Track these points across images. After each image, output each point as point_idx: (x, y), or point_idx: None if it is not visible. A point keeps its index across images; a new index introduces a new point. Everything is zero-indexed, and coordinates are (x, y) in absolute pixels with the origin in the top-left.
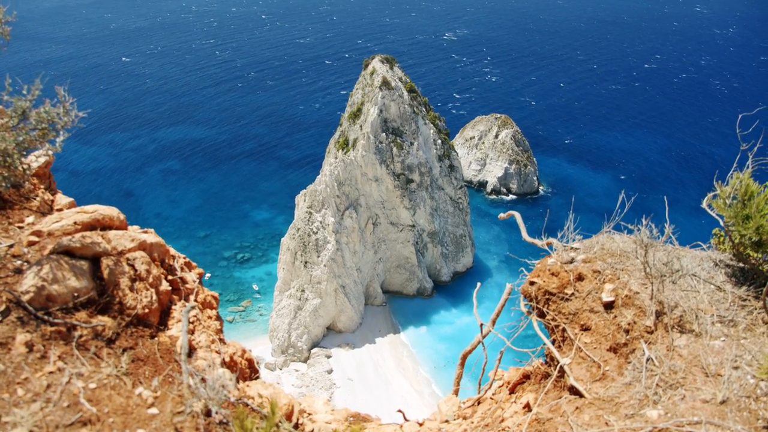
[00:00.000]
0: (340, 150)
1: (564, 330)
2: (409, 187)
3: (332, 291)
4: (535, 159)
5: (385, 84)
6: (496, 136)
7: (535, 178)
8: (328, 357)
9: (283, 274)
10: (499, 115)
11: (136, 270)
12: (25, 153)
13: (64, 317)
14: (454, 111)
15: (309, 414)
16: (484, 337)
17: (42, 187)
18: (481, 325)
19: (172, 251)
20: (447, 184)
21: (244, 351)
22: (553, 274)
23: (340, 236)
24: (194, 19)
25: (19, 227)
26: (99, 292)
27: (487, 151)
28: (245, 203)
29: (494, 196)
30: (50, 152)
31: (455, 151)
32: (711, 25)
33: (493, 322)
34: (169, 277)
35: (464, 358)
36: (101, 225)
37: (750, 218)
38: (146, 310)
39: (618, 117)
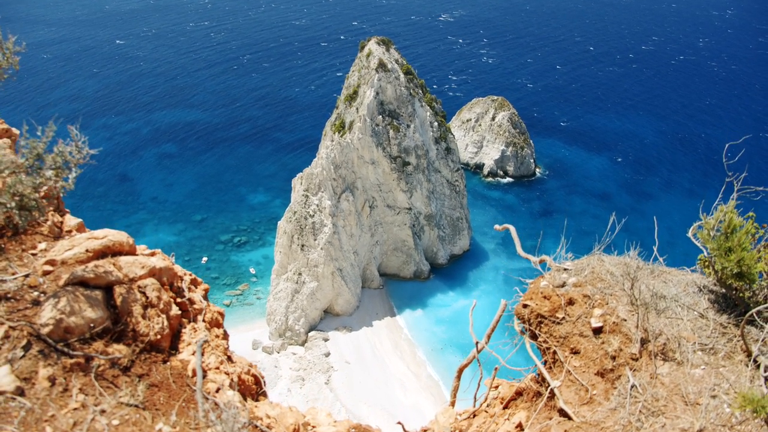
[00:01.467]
0: (337, 133)
1: (555, 352)
2: (406, 170)
3: (329, 274)
4: (531, 141)
5: (382, 66)
6: (493, 119)
7: (531, 160)
8: (326, 340)
9: (280, 257)
10: (495, 97)
11: (147, 297)
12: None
13: (82, 348)
14: (450, 93)
15: (313, 426)
16: (479, 352)
17: (51, 208)
18: (477, 343)
19: (179, 271)
20: (444, 166)
21: (250, 367)
22: (545, 297)
23: (337, 219)
24: (188, 0)
25: (33, 254)
26: (113, 320)
27: (483, 133)
28: (241, 186)
29: (491, 179)
30: (63, 188)
31: (452, 134)
32: (709, 7)
33: (488, 337)
34: (178, 300)
35: (460, 371)
36: (112, 251)
37: (732, 251)
38: (158, 336)
39: (614, 99)
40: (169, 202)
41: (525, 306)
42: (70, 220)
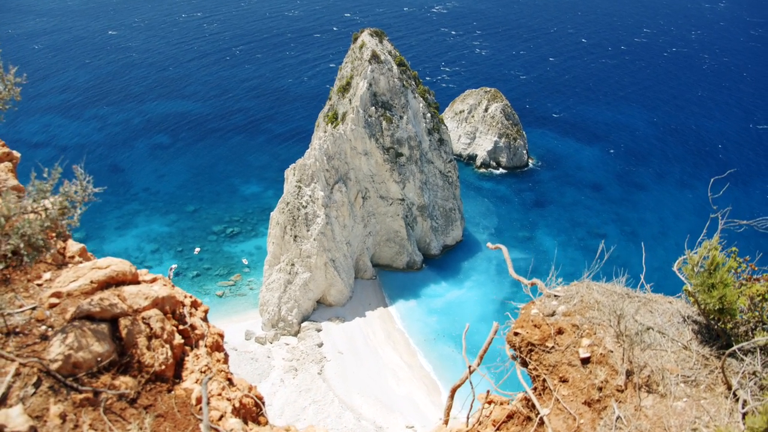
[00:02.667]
0: (330, 124)
1: (544, 380)
2: (399, 161)
3: (322, 265)
4: (524, 132)
5: (375, 57)
6: (486, 110)
7: (524, 151)
8: (319, 330)
9: (273, 248)
10: (488, 89)
11: (151, 328)
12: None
13: (90, 382)
14: (443, 84)
15: None
16: (471, 373)
17: (53, 234)
18: (470, 366)
19: (180, 295)
20: (436, 157)
21: (250, 388)
22: (535, 325)
23: (330, 210)
24: None
25: (38, 284)
26: (119, 352)
27: (476, 124)
28: (234, 177)
29: (484, 170)
30: (69, 226)
31: (445, 125)
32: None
33: (481, 358)
34: (180, 327)
35: (453, 391)
36: (115, 281)
37: (714, 287)
38: (163, 367)
39: (607, 90)
40: (162, 192)
41: (516, 334)
42: (73, 246)
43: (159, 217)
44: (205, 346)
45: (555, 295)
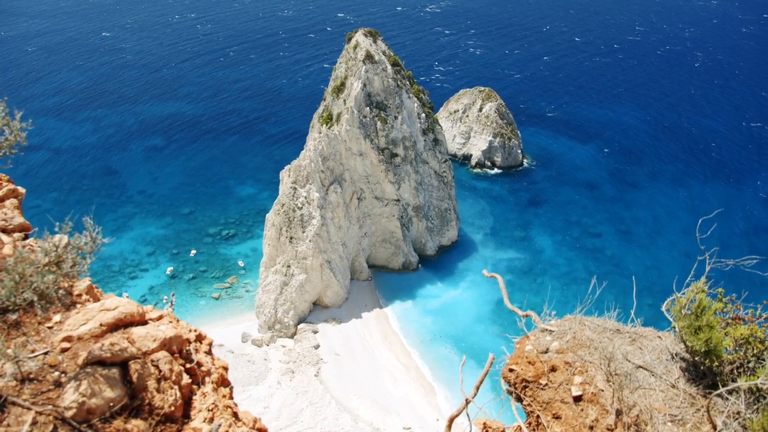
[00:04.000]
0: (324, 124)
1: (538, 416)
2: (394, 162)
3: (318, 266)
4: (519, 132)
5: (369, 58)
6: (480, 110)
7: (519, 151)
8: (315, 332)
9: (269, 250)
10: (483, 88)
11: (160, 370)
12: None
13: (104, 428)
14: (438, 84)
15: None
16: (467, 405)
17: (65, 285)
18: (466, 399)
19: (185, 330)
20: (431, 157)
21: (255, 421)
22: (530, 362)
23: (325, 211)
24: None
25: (49, 327)
26: (130, 396)
27: (471, 124)
28: (229, 179)
29: (479, 170)
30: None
31: (439, 125)
32: None
33: (477, 389)
34: (187, 366)
35: (451, 420)
36: (123, 323)
37: (701, 330)
38: (172, 408)
39: (601, 89)
40: (157, 195)
41: (511, 370)
42: (80, 283)
43: (154, 220)
44: (212, 382)
45: (549, 330)
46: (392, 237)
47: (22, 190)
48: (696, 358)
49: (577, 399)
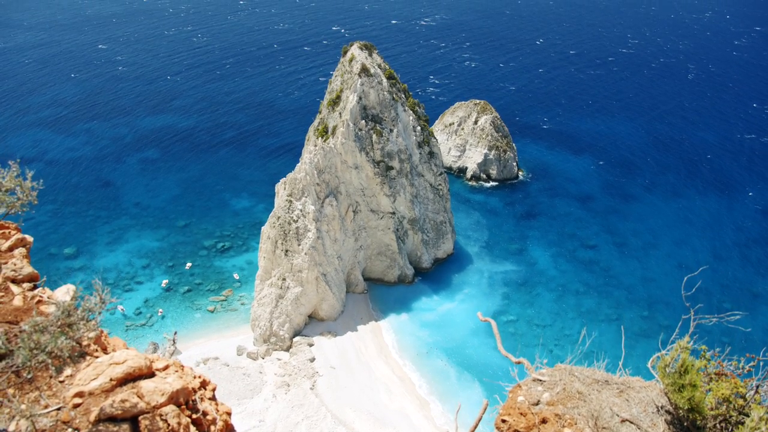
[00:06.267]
0: (320, 138)
1: None
2: (389, 174)
3: (313, 279)
4: (514, 144)
5: (364, 71)
6: (476, 122)
7: (514, 163)
8: (311, 345)
9: (264, 262)
10: (478, 101)
11: (169, 424)
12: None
13: None
14: (433, 97)
15: None
16: None
17: (78, 348)
18: None
19: (190, 379)
20: (427, 170)
21: None
22: (521, 413)
23: (321, 224)
24: (170, 4)
25: (60, 381)
26: None
27: (466, 137)
28: (225, 192)
29: (474, 183)
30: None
31: (435, 138)
32: (687, 10)
33: None
34: (194, 417)
35: None
36: (132, 377)
37: (684, 388)
38: None
39: (595, 101)
40: (152, 207)
41: (504, 421)
42: (88, 332)
43: (149, 232)
44: (217, 431)
45: (540, 380)
46: (388, 250)
47: (29, 238)
48: (680, 414)
49: None
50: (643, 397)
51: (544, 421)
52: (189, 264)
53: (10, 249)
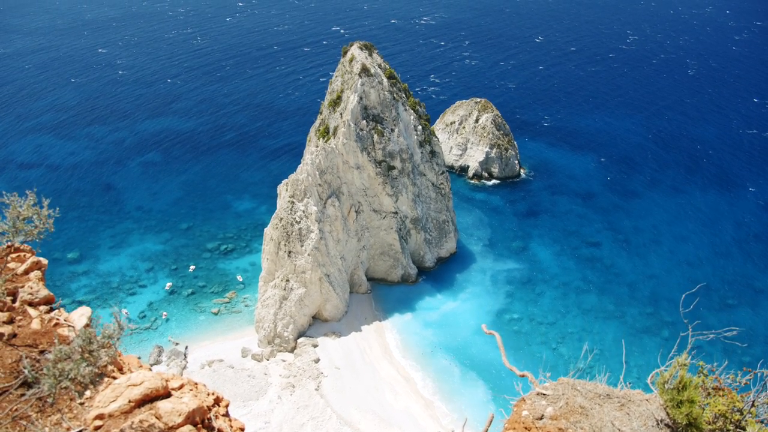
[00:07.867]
0: (321, 138)
1: None
2: (391, 174)
3: (317, 280)
4: (515, 143)
5: (365, 71)
6: (477, 121)
7: (516, 161)
8: (315, 346)
9: (267, 264)
10: (479, 100)
11: None
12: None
13: None
14: (433, 96)
15: None
16: None
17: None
18: None
19: (204, 397)
20: (428, 169)
21: None
22: (526, 428)
23: (323, 225)
24: (169, 7)
25: (80, 403)
26: None
27: (467, 135)
28: (227, 194)
29: (476, 181)
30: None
31: (436, 137)
32: (687, 5)
33: None
34: None
35: None
36: (150, 398)
37: (682, 404)
38: None
39: (596, 98)
40: (155, 210)
41: None
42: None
43: (152, 236)
44: None
45: (543, 394)
46: (390, 249)
47: (44, 261)
48: (679, 428)
49: None
50: (643, 411)
51: None
52: (192, 267)
53: (26, 272)
